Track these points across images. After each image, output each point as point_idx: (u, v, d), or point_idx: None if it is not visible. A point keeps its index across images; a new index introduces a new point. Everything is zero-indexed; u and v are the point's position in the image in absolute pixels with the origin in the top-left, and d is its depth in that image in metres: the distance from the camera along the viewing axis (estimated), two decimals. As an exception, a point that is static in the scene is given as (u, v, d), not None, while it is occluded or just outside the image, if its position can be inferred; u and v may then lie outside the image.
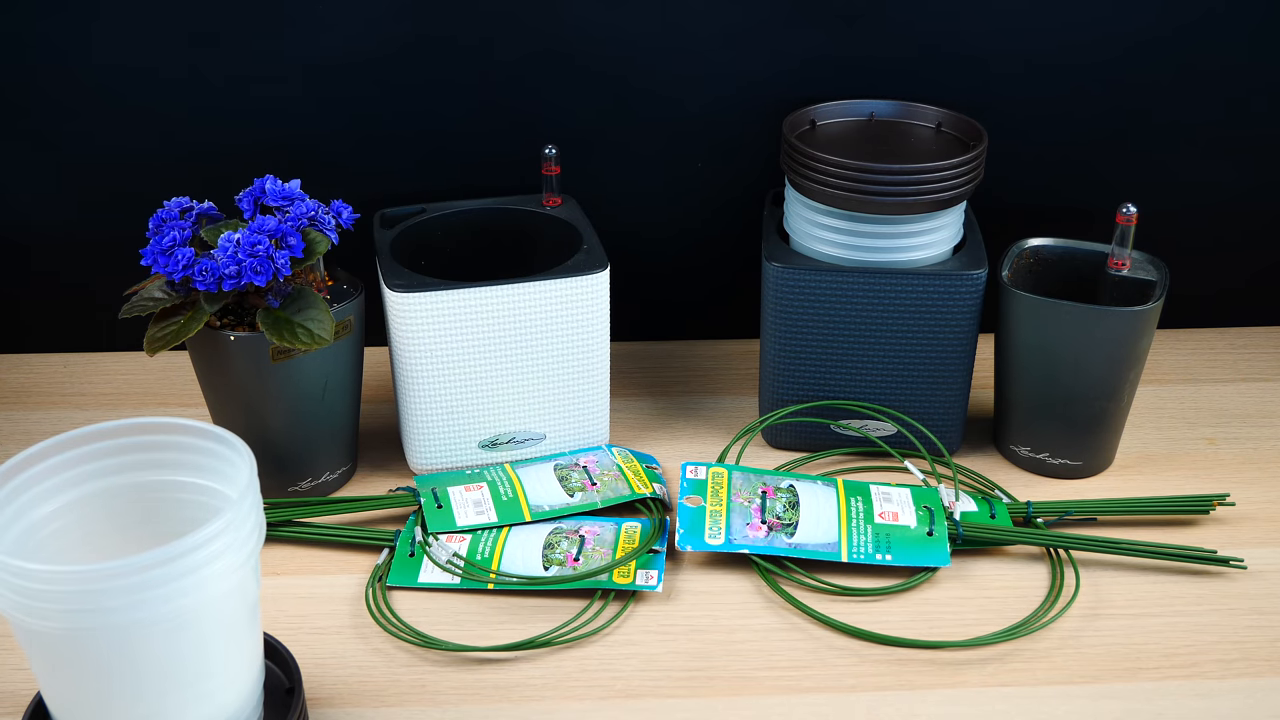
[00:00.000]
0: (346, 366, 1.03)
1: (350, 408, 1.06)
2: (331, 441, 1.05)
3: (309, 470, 1.05)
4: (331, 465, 1.06)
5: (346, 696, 0.87)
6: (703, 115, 1.19)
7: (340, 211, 1.01)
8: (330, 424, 1.04)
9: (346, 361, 1.03)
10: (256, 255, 0.93)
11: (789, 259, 1.06)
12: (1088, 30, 1.16)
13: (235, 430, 0.98)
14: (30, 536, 0.76)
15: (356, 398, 1.07)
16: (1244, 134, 1.21)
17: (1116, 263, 1.06)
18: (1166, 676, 0.89)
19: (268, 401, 1.00)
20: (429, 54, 1.15)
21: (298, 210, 0.98)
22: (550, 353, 1.05)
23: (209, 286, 0.93)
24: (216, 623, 0.73)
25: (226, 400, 1.02)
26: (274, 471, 1.03)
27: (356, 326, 1.02)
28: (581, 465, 1.07)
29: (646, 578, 0.96)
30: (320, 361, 1.00)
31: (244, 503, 0.72)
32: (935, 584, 0.97)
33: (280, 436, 1.02)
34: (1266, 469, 1.10)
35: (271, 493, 1.04)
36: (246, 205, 1.00)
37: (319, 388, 1.01)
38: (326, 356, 1.00)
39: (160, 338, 0.95)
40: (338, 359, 1.01)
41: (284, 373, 0.98)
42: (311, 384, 1.00)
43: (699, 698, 0.87)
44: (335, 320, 0.98)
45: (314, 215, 0.98)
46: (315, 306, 0.96)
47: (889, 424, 1.10)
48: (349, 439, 1.07)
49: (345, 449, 1.07)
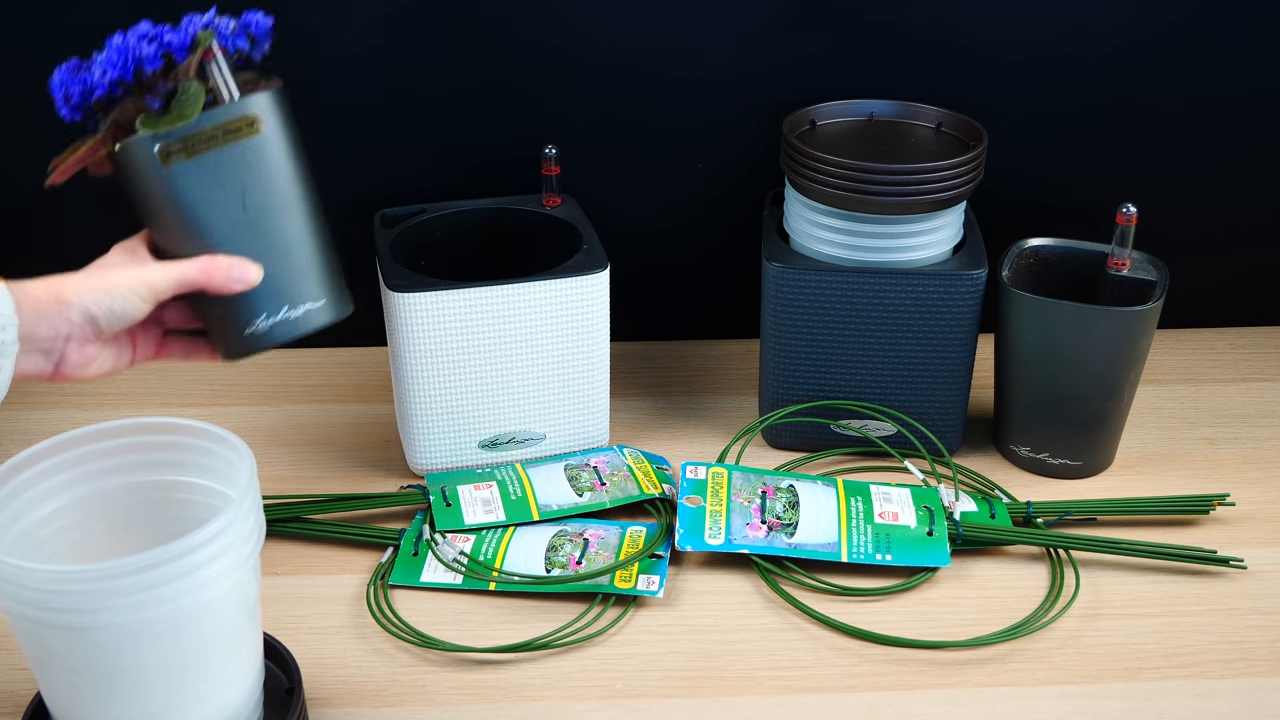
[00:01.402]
0: (267, 172, 0.87)
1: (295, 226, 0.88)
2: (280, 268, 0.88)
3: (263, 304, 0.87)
4: (290, 297, 0.88)
5: (346, 696, 0.87)
6: (703, 115, 1.19)
7: (251, 19, 0.87)
8: (268, 240, 0.87)
9: (264, 165, 0.87)
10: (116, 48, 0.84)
11: (789, 259, 1.06)
12: (1088, 30, 1.16)
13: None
14: (30, 536, 0.76)
15: (304, 217, 0.89)
16: (1244, 134, 1.21)
17: (1116, 263, 1.06)
18: (1166, 676, 0.89)
19: (179, 218, 0.85)
20: (429, 54, 1.15)
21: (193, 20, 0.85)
22: (550, 353, 1.05)
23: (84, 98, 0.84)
24: (216, 623, 0.73)
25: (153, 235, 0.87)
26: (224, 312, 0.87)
27: (273, 126, 0.87)
28: (592, 465, 1.07)
29: (648, 583, 0.95)
30: (227, 165, 0.85)
31: (244, 502, 0.72)
32: (935, 584, 0.97)
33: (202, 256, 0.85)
34: (1266, 469, 1.10)
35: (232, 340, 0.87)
36: None
37: (236, 196, 0.86)
38: (234, 159, 0.85)
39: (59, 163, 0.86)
40: (248, 161, 0.86)
41: (184, 178, 0.84)
42: (224, 192, 0.86)
43: (699, 698, 0.87)
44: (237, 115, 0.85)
45: (208, 24, 0.86)
46: (190, 94, 0.84)
47: (889, 424, 1.10)
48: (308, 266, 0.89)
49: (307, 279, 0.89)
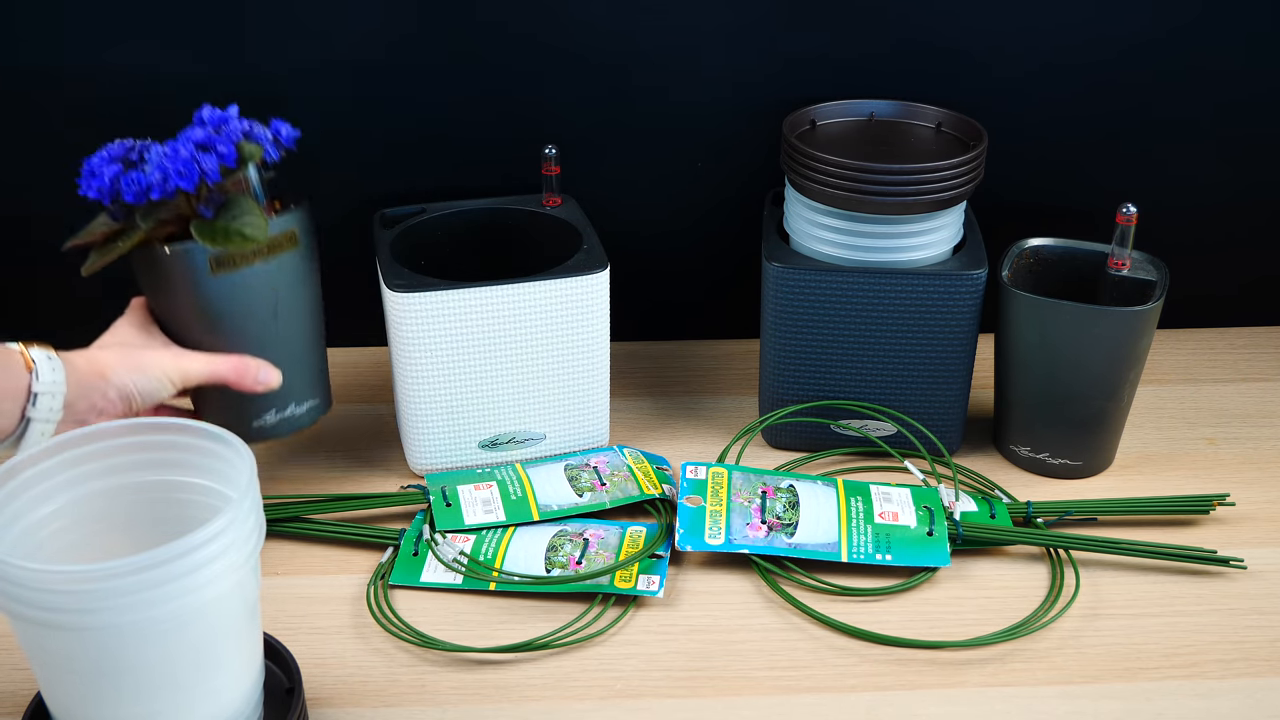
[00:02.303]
0: (297, 283, 0.97)
1: (310, 333, 1.00)
2: (293, 369, 0.99)
3: (271, 400, 0.99)
4: (296, 396, 1.00)
5: (346, 696, 0.87)
6: (703, 115, 1.19)
7: (279, 129, 0.96)
8: (289, 348, 0.98)
9: (296, 277, 0.97)
10: (182, 159, 0.89)
11: (789, 259, 1.06)
12: (1088, 30, 1.16)
13: None
14: (30, 536, 0.76)
15: (317, 323, 1.01)
16: (1244, 134, 1.21)
17: (1116, 263, 1.06)
18: (1166, 676, 0.89)
19: (215, 321, 0.94)
20: (429, 54, 1.15)
21: (231, 126, 0.94)
22: (550, 353, 1.05)
23: (137, 199, 0.90)
24: (216, 623, 0.73)
25: (175, 321, 0.96)
26: (235, 404, 0.98)
27: (305, 242, 0.97)
28: (592, 466, 1.07)
29: (649, 583, 0.95)
30: (266, 276, 0.95)
31: (244, 503, 0.72)
32: (935, 584, 0.97)
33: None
34: (1266, 469, 1.10)
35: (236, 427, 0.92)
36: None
37: (269, 305, 0.95)
38: (273, 272, 0.95)
39: (99, 257, 0.92)
40: (284, 273, 0.96)
41: (228, 287, 0.93)
42: (259, 301, 0.95)
43: (699, 698, 0.87)
44: (277, 231, 0.93)
45: (248, 131, 0.94)
46: (250, 212, 0.92)
47: (889, 424, 1.10)
48: (314, 368, 1.02)
49: (311, 379, 1.01)
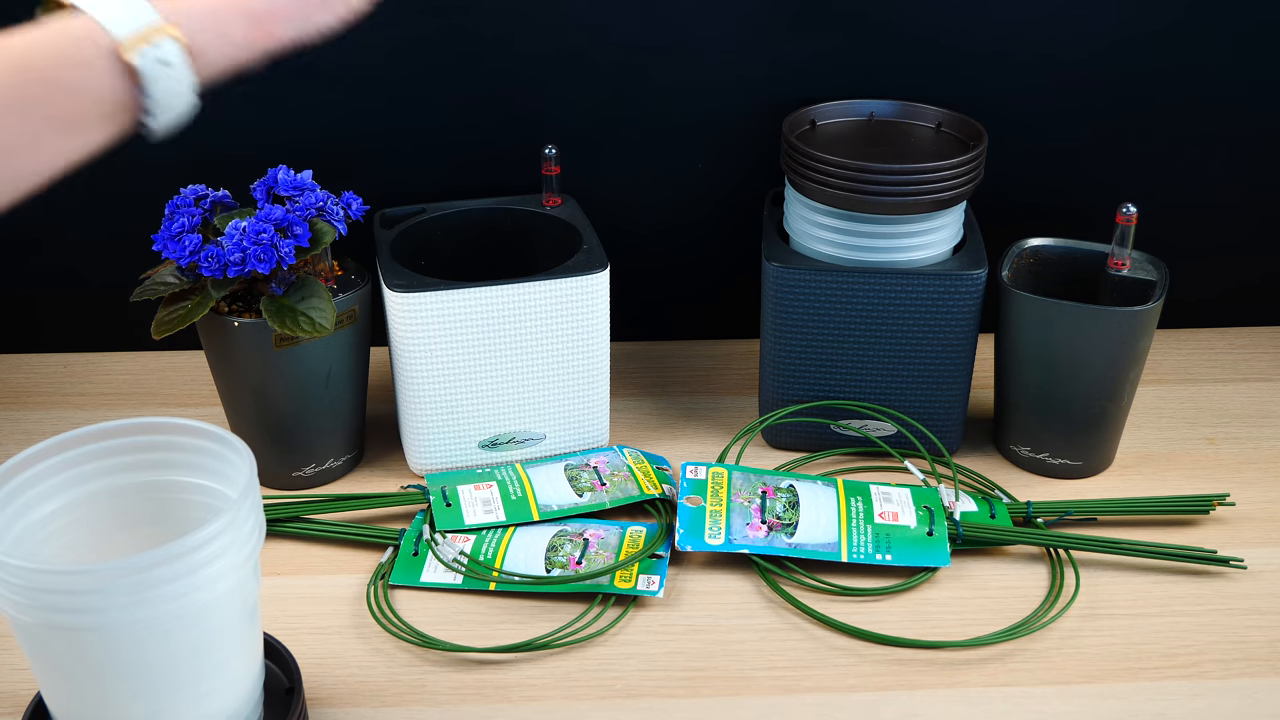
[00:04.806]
0: (350, 356, 1.04)
1: (355, 396, 1.07)
2: (335, 429, 1.06)
3: (313, 456, 1.06)
4: (335, 452, 1.07)
5: (346, 696, 0.87)
6: (702, 115, 1.19)
7: (350, 203, 1.02)
8: (334, 411, 1.05)
9: (350, 351, 1.04)
10: (261, 244, 0.94)
11: (789, 259, 1.06)
12: (1088, 30, 1.16)
13: (242, 413, 1.04)
14: (30, 536, 0.76)
15: (362, 387, 1.08)
16: (1244, 135, 1.21)
17: (1116, 263, 1.06)
18: (1166, 676, 0.89)
19: (272, 387, 1.01)
20: (429, 54, 1.15)
21: (306, 200, 0.99)
22: (550, 353, 1.05)
23: (215, 273, 0.95)
24: (216, 623, 0.73)
25: (234, 385, 1.04)
26: (279, 455, 1.05)
27: (362, 317, 1.04)
28: (592, 466, 1.07)
29: (649, 583, 0.95)
30: (324, 350, 1.01)
31: (244, 503, 0.72)
32: (935, 584, 0.97)
33: (285, 421, 1.03)
34: (1266, 469, 1.10)
35: (277, 476, 1.06)
36: (260, 194, 1.01)
37: (322, 375, 1.02)
38: (330, 345, 1.01)
39: (168, 321, 0.97)
40: (341, 348, 1.02)
41: (288, 359, 1.00)
42: (315, 371, 1.02)
43: (699, 698, 0.87)
44: (339, 310, 0.99)
45: (322, 205, 1.00)
46: (318, 296, 0.97)
47: (889, 424, 1.09)
48: (354, 428, 1.09)
49: (350, 437, 1.09)
